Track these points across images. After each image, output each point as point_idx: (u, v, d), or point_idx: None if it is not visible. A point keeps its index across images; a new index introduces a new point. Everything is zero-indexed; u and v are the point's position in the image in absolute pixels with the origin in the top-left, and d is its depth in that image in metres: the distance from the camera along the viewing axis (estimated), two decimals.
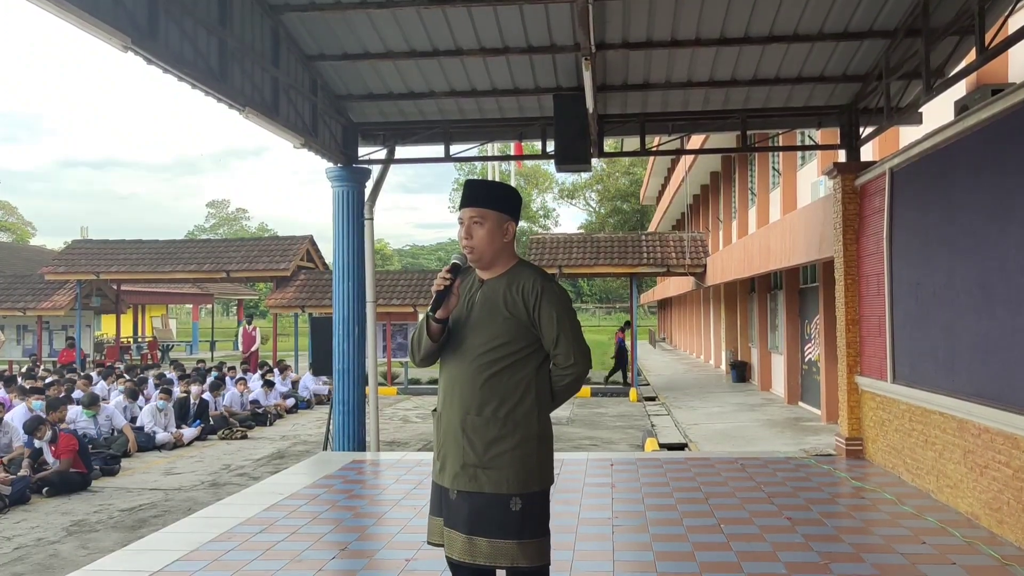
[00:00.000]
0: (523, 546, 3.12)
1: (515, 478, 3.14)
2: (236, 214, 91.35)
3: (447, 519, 3.22)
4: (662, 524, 6.23)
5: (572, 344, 3.22)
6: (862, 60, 8.73)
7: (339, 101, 9.95)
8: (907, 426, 7.43)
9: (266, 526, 6.35)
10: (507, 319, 3.21)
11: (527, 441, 3.18)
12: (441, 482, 3.26)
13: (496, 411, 3.17)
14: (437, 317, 3.23)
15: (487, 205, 3.26)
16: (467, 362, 3.23)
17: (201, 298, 44.96)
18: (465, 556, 3.14)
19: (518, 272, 3.29)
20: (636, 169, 62.50)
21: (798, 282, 16.69)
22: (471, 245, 3.24)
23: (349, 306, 10.22)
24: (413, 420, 17.09)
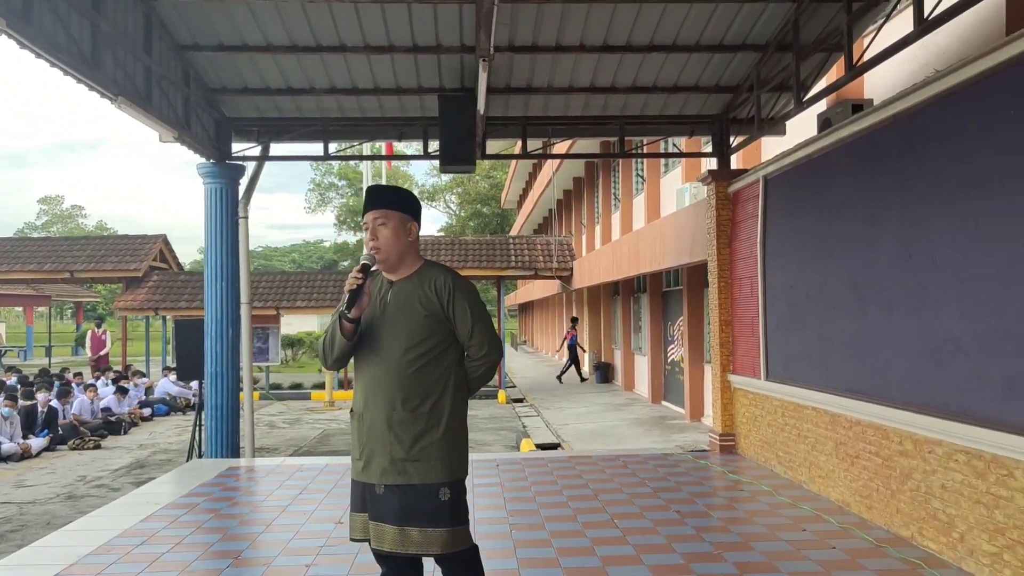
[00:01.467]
0: (453, 532, 3.29)
1: (443, 468, 3.30)
2: (71, 211, 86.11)
3: (373, 514, 3.32)
4: (557, 521, 6.32)
5: (485, 335, 3.43)
6: (735, 72, 9.15)
7: (212, 94, 9.56)
8: (780, 421, 7.84)
9: (147, 537, 6.02)
10: (425, 317, 3.36)
11: (451, 432, 3.35)
12: (366, 479, 3.36)
13: (421, 406, 3.31)
14: (351, 316, 3.31)
15: (390, 206, 3.42)
16: (389, 360, 3.34)
17: (36, 299, 42.04)
18: (397, 547, 3.27)
19: (428, 271, 3.45)
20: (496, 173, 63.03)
21: (662, 285, 17.31)
22: (377, 246, 3.38)
23: (222, 307, 9.83)
24: (280, 426, 16.63)
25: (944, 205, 5.24)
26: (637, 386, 19.69)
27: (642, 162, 18.28)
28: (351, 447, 3.45)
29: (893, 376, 5.83)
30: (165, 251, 25.36)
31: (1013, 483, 4.59)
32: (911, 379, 5.60)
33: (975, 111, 4.97)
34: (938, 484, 5.30)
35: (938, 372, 5.29)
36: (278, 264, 77.63)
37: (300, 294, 23.42)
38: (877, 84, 8.70)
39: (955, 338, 5.11)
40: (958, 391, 5.09)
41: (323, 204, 68.24)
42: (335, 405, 20.87)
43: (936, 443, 5.30)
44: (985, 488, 4.83)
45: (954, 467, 5.13)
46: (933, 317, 5.34)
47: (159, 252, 24.73)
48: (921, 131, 5.54)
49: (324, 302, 23.31)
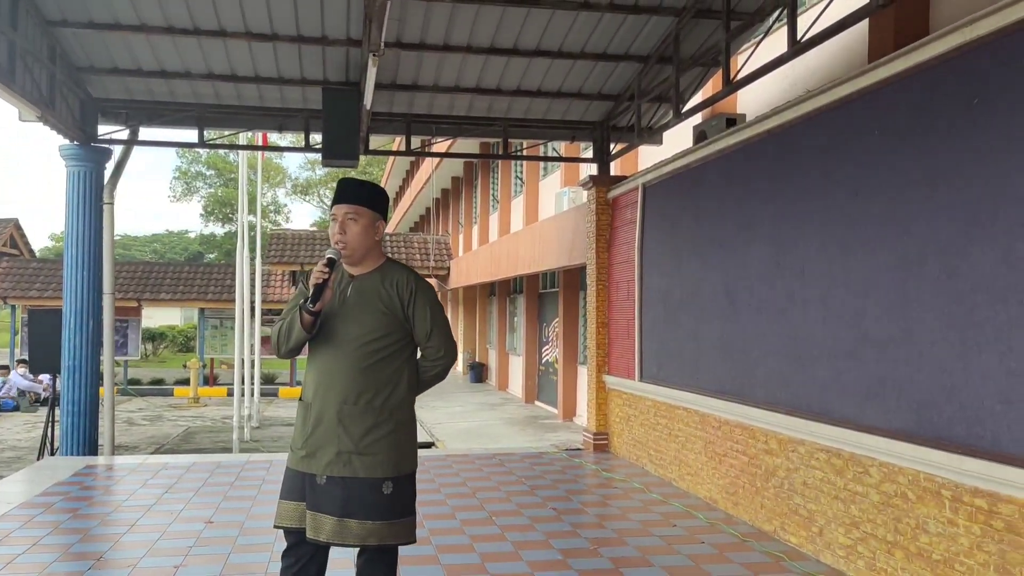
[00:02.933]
0: (392, 526, 3.31)
1: (388, 463, 3.32)
2: None
3: (312, 504, 3.31)
4: (437, 518, 6.33)
5: (442, 338, 3.51)
6: (617, 81, 9.38)
7: (79, 73, 9.07)
8: (652, 421, 8.10)
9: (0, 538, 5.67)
10: (383, 314, 3.40)
11: (400, 428, 3.39)
12: (307, 469, 3.36)
13: (372, 400, 3.35)
14: (314, 310, 3.33)
15: (362, 203, 3.41)
16: (344, 354, 3.38)
17: None
18: (335, 537, 3.29)
19: (390, 270, 3.50)
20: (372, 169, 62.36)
21: (538, 287, 17.56)
22: (344, 240, 3.38)
23: (82, 297, 9.34)
24: (139, 423, 15.94)
25: (811, 217, 5.56)
26: (511, 386, 19.90)
27: (522, 165, 18.48)
28: (293, 436, 3.45)
29: (760, 378, 6.13)
30: (16, 236, 23.89)
31: (868, 480, 4.91)
32: (777, 381, 5.90)
33: (840, 130, 5.30)
34: (800, 481, 5.61)
35: (802, 375, 5.60)
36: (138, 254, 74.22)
37: (164, 286, 22.52)
38: (750, 100, 9.11)
39: (819, 343, 5.43)
40: (820, 393, 5.40)
41: (189, 193, 65.65)
42: (200, 402, 20.16)
43: (799, 442, 5.61)
44: (843, 485, 5.15)
45: (815, 465, 5.44)
46: (799, 322, 5.65)
47: (10, 237, 23.27)
48: (791, 146, 5.85)
49: (190, 295, 22.49)
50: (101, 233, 9.64)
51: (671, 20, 8.00)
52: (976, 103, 4.19)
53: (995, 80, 4.08)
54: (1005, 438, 3.94)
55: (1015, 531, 3.87)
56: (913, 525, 4.54)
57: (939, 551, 4.35)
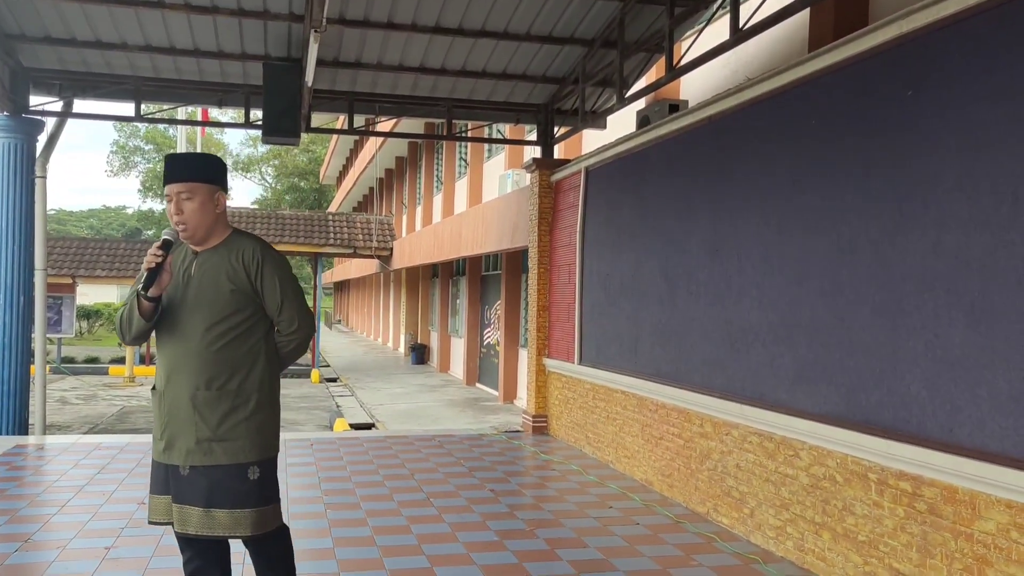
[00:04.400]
0: (262, 513, 3.20)
1: (252, 447, 3.19)
2: None
3: (177, 496, 3.17)
4: (373, 500, 6.31)
5: (296, 309, 3.29)
6: (561, 64, 9.38)
7: (9, 40, 8.75)
8: (591, 404, 8.17)
9: None
10: (232, 291, 3.20)
11: (260, 410, 3.23)
12: (168, 460, 3.19)
13: (227, 383, 3.18)
14: (150, 295, 3.13)
15: (195, 178, 3.20)
16: (192, 337, 3.18)
17: None
18: (203, 529, 3.14)
19: (235, 242, 3.30)
20: (315, 147, 61.47)
21: (481, 269, 17.54)
22: (183, 220, 3.19)
23: (13, 273, 9.07)
24: (73, 401, 15.57)
25: (749, 205, 5.64)
26: (452, 368, 19.89)
27: (466, 146, 18.41)
28: (153, 426, 3.28)
29: (696, 362, 6.22)
30: None
31: (798, 463, 5.02)
32: (713, 365, 6.00)
33: (779, 118, 5.37)
34: (733, 464, 5.71)
35: (736, 359, 5.70)
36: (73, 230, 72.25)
37: (100, 263, 21.96)
38: (693, 86, 9.19)
39: (753, 328, 5.52)
40: (754, 377, 5.50)
41: (127, 168, 64.01)
42: (136, 381, 19.77)
43: (733, 426, 5.71)
44: (774, 467, 5.26)
45: (748, 448, 5.55)
46: (735, 308, 5.74)
47: None
48: (731, 134, 5.92)
49: (126, 272, 21.96)
50: (33, 208, 9.35)
51: (616, 4, 8.01)
52: (909, 95, 4.28)
53: (928, 73, 4.17)
54: (930, 423, 4.06)
55: (937, 513, 4.00)
56: (840, 507, 4.66)
57: (865, 532, 4.47)
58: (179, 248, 3.28)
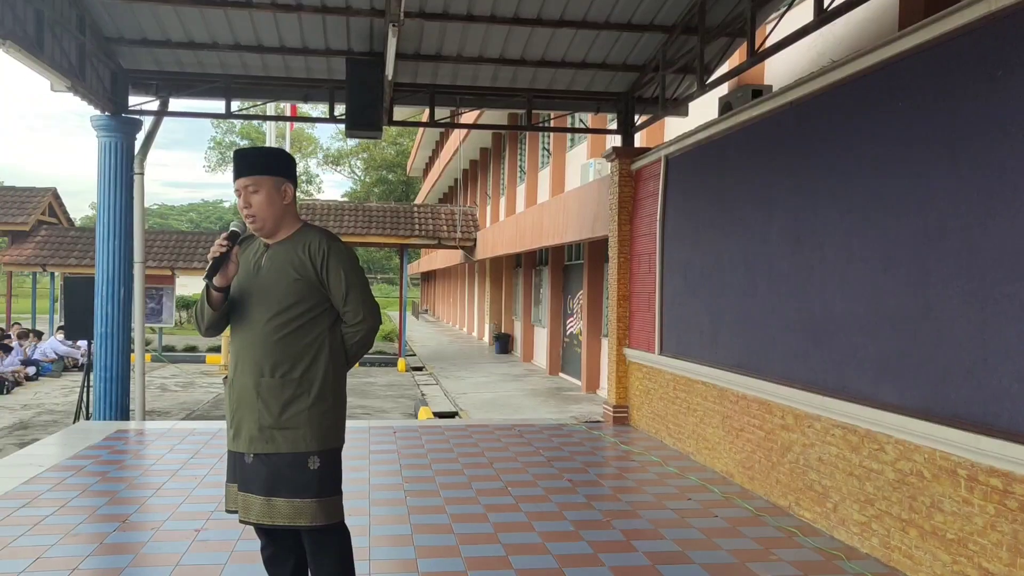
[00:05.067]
0: (322, 503, 3.21)
1: (312, 436, 3.22)
2: None
3: (242, 484, 3.25)
4: (452, 488, 6.39)
5: (360, 301, 3.30)
6: (641, 51, 9.28)
7: (109, 44, 9.14)
8: (671, 394, 8.09)
9: (29, 500, 5.82)
10: (296, 281, 3.25)
11: (323, 400, 3.25)
12: (236, 448, 3.29)
13: (290, 372, 3.22)
14: (216, 285, 3.22)
15: (260, 172, 3.26)
16: (258, 326, 3.25)
17: None
18: (264, 518, 3.20)
19: (304, 234, 3.35)
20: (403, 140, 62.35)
21: (563, 259, 17.52)
22: (252, 213, 3.25)
23: (114, 266, 9.49)
24: (172, 388, 16.21)
25: (832, 191, 5.48)
26: (536, 357, 19.94)
27: (549, 136, 18.39)
28: None
29: (777, 353, 6.09)
30: (55, 205, 24.23)
31: (884, 457, 4.87)
32: (794, 356, 5.86)
33: (863, 101, 5.20)
34: (815, 457, 5.58)
35: (819, 350, 5.56)
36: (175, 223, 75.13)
37: (197, 255, 22.76)
38: (778, 71, 8.97)
39: (836, 318, 5.37)
40: (837, 369, 5.35)
41: (223, 163, 66.16)
42: None
43: (815, 418, 5.58)
44: (858, 461, 5.11)
45: (831, 441, 5.41)
46: (817, 297, 5.59)
47: (48, 206, 23.61)
48: (815, 118, 5.76)
49: None
50: (132, 203, 9.75)
51: None
52: (999, 75, 4.09)
53: (1019, 51, 3.98)
54: (1022, 417, 3.88)
55: None
56: (928, 503, 4.51)
57: (953, 530, 4.32)
58: (253, 241, 3.37)
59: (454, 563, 4.71)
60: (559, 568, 4.65)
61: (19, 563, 4.57)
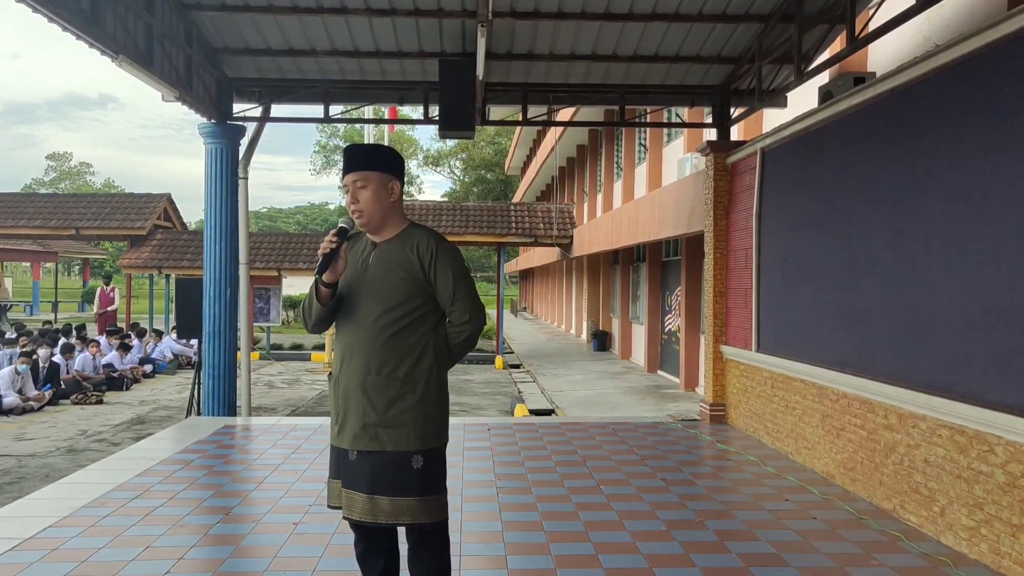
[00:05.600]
0: (424, 502, 3.20)
1: (416, 435, 3.22)
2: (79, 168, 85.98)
3: (346, 480, 3.27)
4: (544, 485, 6.40)
5: (467, 301, 3.30)
6: (736, 42, 9.08)
7: (214, 54, 9.52)
8: (769, 392, 7.89)
9: (141, 492, 6.12)
10: (403, 279, 3.26)
11: (427, 399, 3.25)
12: (340, 444, 3.31)
13: (395, 371, 3.23)
14: (325, 280, 3.26)
15: (369, 167, 3.29)
16: (365, 324, 3.27)
17: (43, 256, 42.10)
18: (366, 516, 3.21)
19: (412, 233, 3.36)
20: (501, 139, 62.75)
21: (661, 255, 17.31)
22: (359, 209, 3.28)
23: (221, 267, 9.88)
24: (279, 385, 16.75)
25: (937, 180, 5.24)
26: (634, 355, 19.77)
27: (645, 131, 18.19)
28: None
29: (880, 350, 5.86)
30: (169, 210, 25.35)
31: (994, 459, 4.64)
32: (897, 353, 5.63)
33: (970, 86, 4.96)
34: (921, 458, 5.36)
35: (924, 347, 5.33)
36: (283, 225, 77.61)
37: (302, 256, 23.43)
38: (881, 57, 8.64)
39: (942, 313, 5.14)
40: (943, 366, 5.12)
41: (328, 167, 68.02)
42: None
43: (920, 418, 5.35)
44: (966, 463, 4.88)
45: (937, 442, 5.18)
46: (922, 292, 5.36)
47: (163, 211, 24.73)
48: (917, 105, 5.52)
49: None
50: (237, 206, 10.12)
51: None
52: None
53: None
54: None
55: None
56: None
57: None
58: (361, 239, 3.40)
59: (543, 560, 4.72)
60: (649, 568, 4.60)
61: (130, 551, 4.81)
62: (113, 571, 4.49)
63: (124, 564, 4.60)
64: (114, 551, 4.81)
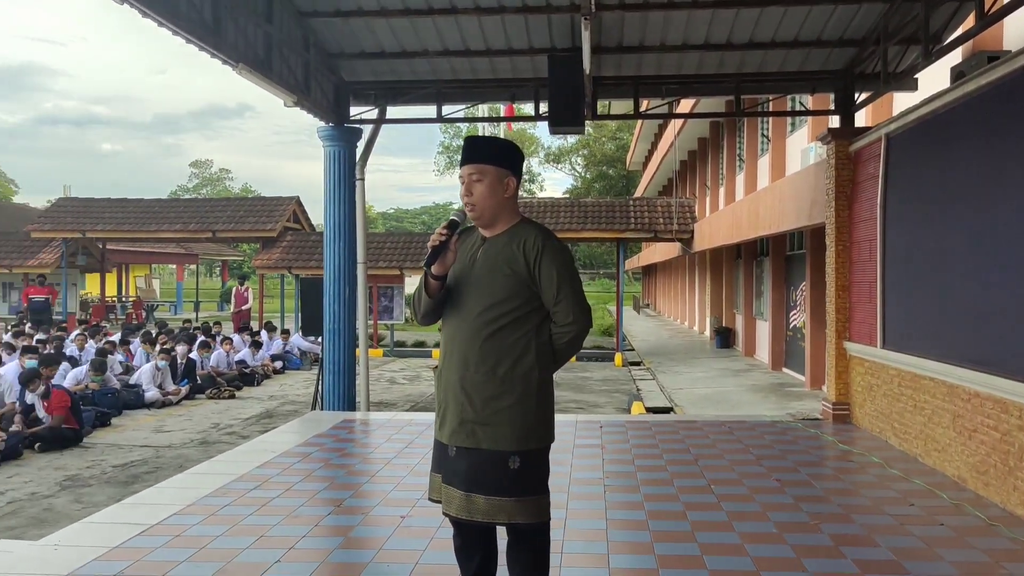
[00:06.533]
0: (521, 503, 3.15)
1: (513, 435, 3.16)
2: (219, 174, 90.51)
3: (445, 476, 3.26)
4: (653, 484, 6.29)
5: (571, 302, 3.19)
6: (859, 24, 8.67)
7: (331, 59, 9.81)
8: (896, 391, 7.50)
9: (260, 483, 6.36)
10: (507, 276, 3.20)
11: (526, 399, 3.19)
12: (440, 437, 3.31)
13: (495, 369, 3.18)
14: (433, 273, 3.24)
15: (486, 160, 3.24)
16: (467, 320, 3.23)
17: (185, 258, 44.65)
18: (463, 513, 3.19)
19: (521, 229, 3.28)
20: (623, 134, 62.25)
21: (785, 249, 16.76)
22: (472, 202, 3.24)
23: (340, 267, 10.17)
24: (400, 382, 17.13)
25: None
26: (758, 352, 19.22)
27: (767, 121, 17.65)
28: None
29: (1015, 347, 5.47)
30: (298, 212, 26.32)
31: None
32: None
33: None
34: None
35: None
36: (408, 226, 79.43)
37: (424, 255, 23.85)
38: (1017, 33, 8.07)
39: None
40: None
41: (451, 167, 69.21)
42: None
43: None
44: None
45: None
46: None
47: (293, 213, 25.70)
48: None
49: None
50: (354, 207, 10.40)
51: None
52: None
53: None
54: None
55: None
56: None
57: None
58: (473, 232, 3.36)
59: (646, 560, 4.63)
60: (756, 571, 4.44)
61: (245, 539, 5.00)
62: (228, 558, 4.68)
63: (239, 552, 4.78)
64: (230, 539, 5.01)
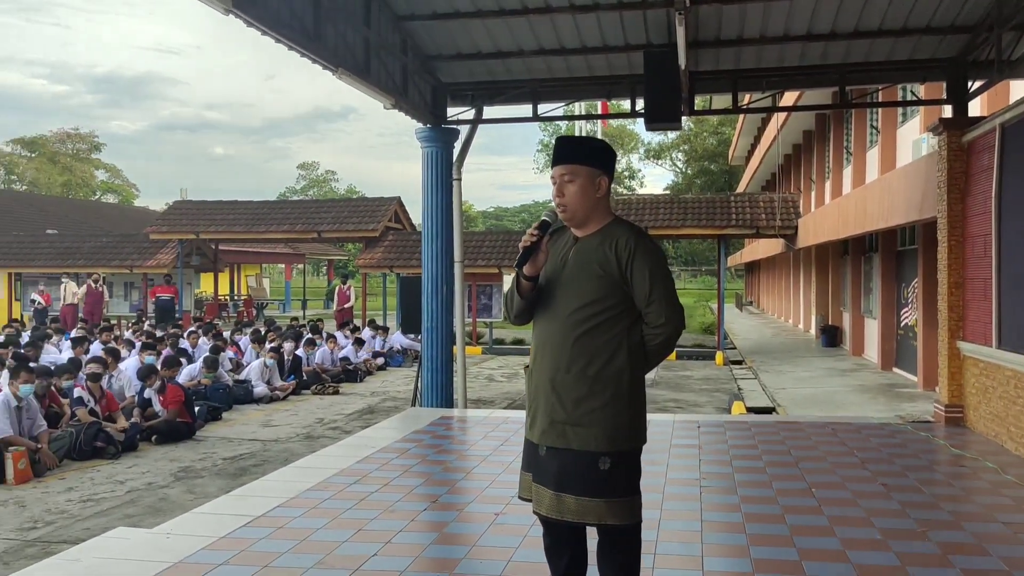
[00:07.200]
0: (611, 504, 3.14)
1: (604, 436, 3.15)
2: (325, 176, 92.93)
3: (536, 475, 3.27)
4: (751, 486, 6.17)
5: (664, 303, 3.16)
6: (972, 10, 8.29)
7: (429, 61, 9.97)
8: (1012, 393, 7.14)
9: (360, 477, 6.53)
10: (600, 277, 3.18)
11: (617, 400, 3.17)
12: (531, 437, 3.32)
13: (585, 369, 3.17)
14: (525, 273, 3.24)
15: (577, 160, 3.23)
16: (558, 320, 3.23)
17: (293, 258, 46.10)
18: (553, 512, 3.19)
19: (613, 229, 3.26)
20: (724, 129, 61.05)
21: (895, 244, 16.14)
22: (563, 203, 3.23)
23: (437, 266, 10.32)
24: (498, 379, 17.27)
25: None
26: (866, 351, 18.57)
27: (876, 112, 17.01)
28: None
29: None
30: (400, 212, 26.82)
31: None
32: None
33: None
34: None
35: None
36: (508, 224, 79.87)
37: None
38: None
39: None
40: None
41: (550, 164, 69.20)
42: None
43: None
44: None
45: None
46: None
47: (394, 213, 26.21)
48: None
49: None
50: (451, 206, 10.54)
51: None
52: None
53: None
54: None
55: None
56: None
57: None
58: (565, 232, 3.36)
59: (741, 563, 4.55)
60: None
61: (343, 532, 5.14)
62: (328, 550, 4.82)
63: (337, 544, 4.92)
64: (330, 532, 5.16)
